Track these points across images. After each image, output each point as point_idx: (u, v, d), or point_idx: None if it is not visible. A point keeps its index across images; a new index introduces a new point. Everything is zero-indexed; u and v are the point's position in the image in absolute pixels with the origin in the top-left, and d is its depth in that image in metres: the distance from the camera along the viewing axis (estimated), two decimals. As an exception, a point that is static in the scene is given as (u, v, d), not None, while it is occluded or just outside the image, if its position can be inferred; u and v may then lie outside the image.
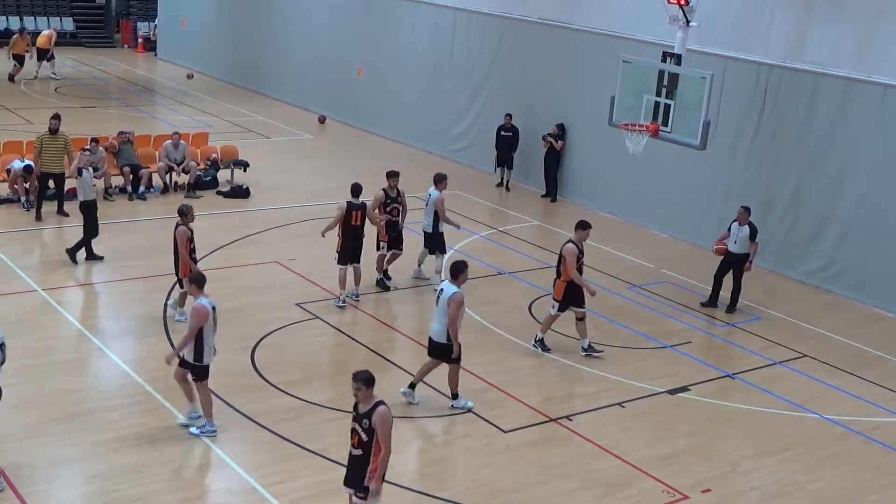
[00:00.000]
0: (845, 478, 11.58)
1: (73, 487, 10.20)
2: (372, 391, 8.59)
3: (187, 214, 13.73)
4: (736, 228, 16.04)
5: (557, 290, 14.07)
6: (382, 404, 8.59)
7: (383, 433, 8.53)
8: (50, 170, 18.43)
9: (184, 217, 13.72)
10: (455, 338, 12.02)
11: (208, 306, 10.98)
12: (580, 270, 14.02)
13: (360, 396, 8.58)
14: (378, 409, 8.54)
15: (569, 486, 10.83)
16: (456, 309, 11.86)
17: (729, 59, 18.71)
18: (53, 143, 18.48)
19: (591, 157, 21.91)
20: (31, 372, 12.44)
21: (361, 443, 8.61)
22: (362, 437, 8.58)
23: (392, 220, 16.20)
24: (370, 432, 8.54)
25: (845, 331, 16.07)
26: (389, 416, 8.61)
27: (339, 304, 15.24)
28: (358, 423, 8.61)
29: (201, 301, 11.00)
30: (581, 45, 21.87)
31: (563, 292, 13.99)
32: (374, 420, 8.50)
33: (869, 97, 17.01)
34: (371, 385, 8.57)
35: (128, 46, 42.34)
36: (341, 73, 29.16)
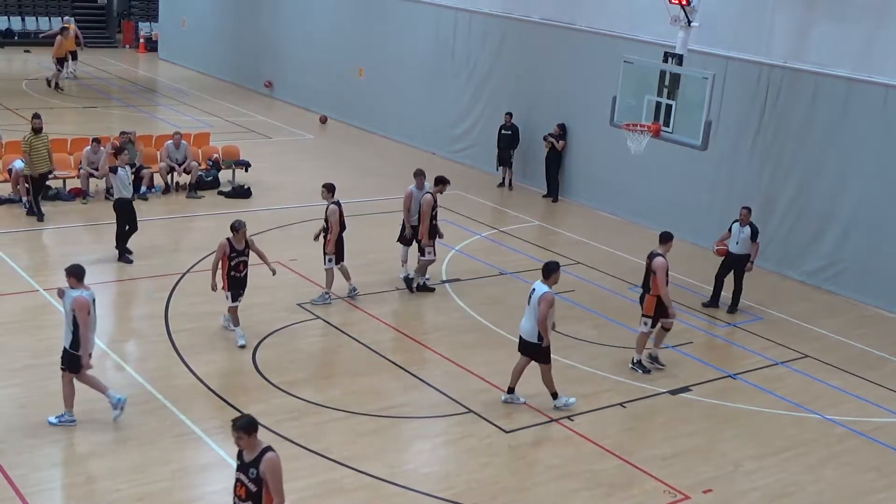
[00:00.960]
0: (847, 478, 11.57)
1: (75, 487, 10.19)
2: (256, 437, 7.75)
3: (238, 230, 13.37)
4: (737, 229, 16.03)
5: (647, 305, 13.58)
6: (270, 450, 7.76)
7: (274, 482, 7.71)
8: (40, 169, 18.39)
9: (234, 232, 13.37)
10: (546, 335, 12.16)
11: (88, 299, 10.99)
12: None
13: (242, 444, 7.73)
14: (266, 455, 7.71)
15: (570, 487, 10.83)
16: (546, 308, 12.04)
17: (730, 60, 18.71)
18: (40, 142, 18.42)
19: (593, 158, 21.91)
20: (32, 372, 12.44)
21: (249, 494, 7.77)
22: (250, 487, 7.75)
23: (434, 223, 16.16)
24: (258, 482, 7.72)
25: (846, 331, 16.07)
26: (279, 462, 7.76)
27: (327, 300, 15.32)
28: (243, 473, 7.79)
29: (82, 294, 10.98)
30: (582, 45, 21.87)
31: (654, 308, 13.55)
32: (261, 468, 7.68)
33: (870, 97, 17.00)
34: (254, 431, 7.72)
35: (129, 47, 42.37)
36: (343, 73, 29.17)
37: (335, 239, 15.26)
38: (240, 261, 13.49)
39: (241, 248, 13.46)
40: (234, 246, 13.39)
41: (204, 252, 17.17)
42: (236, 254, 13.42)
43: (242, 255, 13.50)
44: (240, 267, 13.51)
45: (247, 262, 13.60)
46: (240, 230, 13.37)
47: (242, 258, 13.51)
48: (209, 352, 13.45)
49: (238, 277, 13.55)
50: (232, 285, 13.54)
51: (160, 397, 12.01)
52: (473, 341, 14.76)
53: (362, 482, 10.57)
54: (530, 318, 12.24)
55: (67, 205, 19.52)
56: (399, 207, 16.85)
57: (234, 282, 13.54)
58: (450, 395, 12.71)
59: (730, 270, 16.25)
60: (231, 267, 13.43)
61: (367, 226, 19.53)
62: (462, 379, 13.25)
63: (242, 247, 13.48)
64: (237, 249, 13.42)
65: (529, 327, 12.28)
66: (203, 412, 11.76)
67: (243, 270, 13.58)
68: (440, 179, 16.33)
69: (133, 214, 16.85)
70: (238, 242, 13.42)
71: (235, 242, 13.40)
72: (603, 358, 14.25)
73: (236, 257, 13.42)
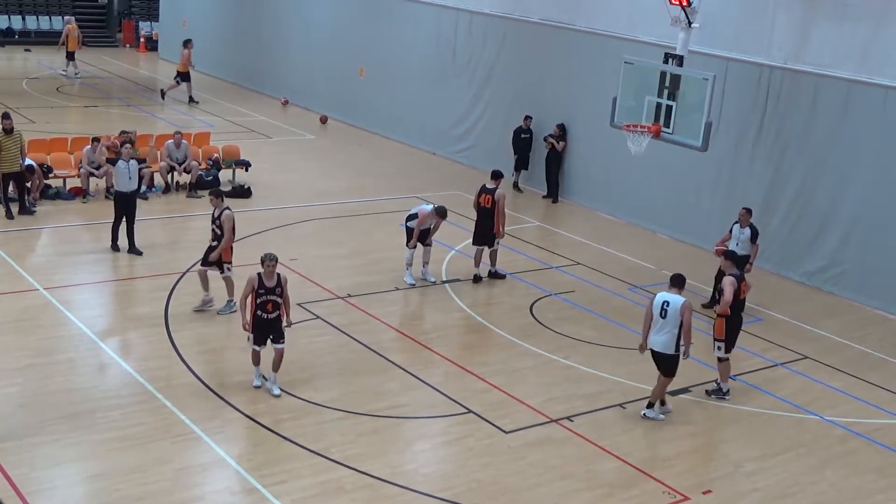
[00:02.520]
0: (847, 479, 11.57)
1: (75, 487, 10.19)
2: None
3: (268, 263, 12.01)
4: (737, 230, 16.01)
5: (717, 328, 13.20)
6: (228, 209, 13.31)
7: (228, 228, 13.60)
8: (11, 169, 18.30)
9: (264, 265, 12.05)
10: (689, 343, 12.20)
11: None
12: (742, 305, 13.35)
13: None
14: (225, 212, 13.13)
15: (571, 487, 10.83)
16: (690, 315, 12.11)
17: (731, 61, 18.71)
18: (12, 142, 18.29)
19: (593, 158, 21.90)
20: (33, 371, 12.44)
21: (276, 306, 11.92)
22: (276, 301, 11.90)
23: None
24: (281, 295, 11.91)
25: (847, 332, 16.07)
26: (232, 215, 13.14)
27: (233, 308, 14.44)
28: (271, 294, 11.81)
29: None
30: (583, 46, 21.87)
31: (724, 330, 13.11)
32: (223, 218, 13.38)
33: (871, 99, 17.00)
34: None
35: (130, 46, 42.37)
36: (343, 73, 29.17)
37: (230, 246, 14.55)
38: (268, 300, 12.03)
39: (271, 285, 12.03)
40: (263, 282, 12.02)
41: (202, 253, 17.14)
42: (265, 291, 12.00)
43: (272, 293, 12.02)
44: (268, 307, 12.06)
45: (278, 304, 12.11)
46: (271, 263, 11.96)
47: (272, 297, 12.04)
48: (209, 351, 13.45)
49: (265, 319, 12.10)
50: (257, 326, 12.12)
51: (160, 397, 12.01)
52: (473, 342, 14.77)
53: (362, 482, 10.57)
54: (668, 330, 12.14)
55: (68, 204, 19.51)
56: (403, 207, 16.89)
57: (260, 323, 12.12)
58: (450, 395, 12.71)
59: None
60: (258, 306, 12.02)
61: (368, 225, 19.57)
62: (462, 379, 13.25)
63: (273, 284, 12.03)
64: (267, 287, 12.02)
65: (665, 340, 12.19)
66: (203, 412, 11.75)
67: (273, 312, 12.10)
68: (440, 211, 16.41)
69: (133, 209, 16.88)
70: (268, 278, 12.01)
71: (266, 278, 12.01)
72: (603, 358, 14.25)
73: (264, 295, 12.02)
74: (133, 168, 16.97)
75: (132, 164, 16.98)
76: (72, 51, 33.14)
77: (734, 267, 13.45)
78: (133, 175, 16.99)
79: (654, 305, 12.30)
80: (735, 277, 13.17)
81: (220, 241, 14.47)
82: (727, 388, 13.34)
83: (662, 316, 12.20)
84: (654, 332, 12.32)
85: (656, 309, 12.25)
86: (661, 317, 12.20)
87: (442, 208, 16.39)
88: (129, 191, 16.88)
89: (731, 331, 13.24)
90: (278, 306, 12.13)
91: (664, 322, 12.19)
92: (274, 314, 12.13)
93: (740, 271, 13.49)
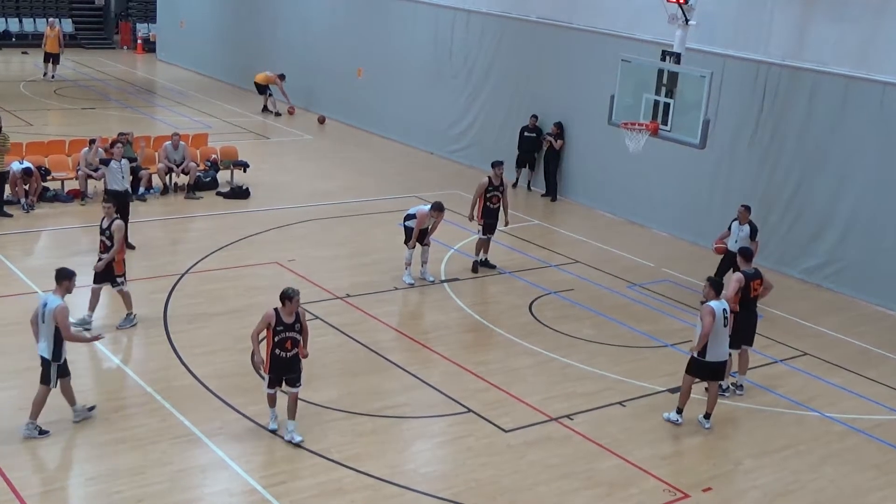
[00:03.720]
0: (847, 476, 11.56)
1: (75, 489, 10.19)
2: None
3: (292, 299, 10.98)
4: (736, 227, 15.99)
5: None
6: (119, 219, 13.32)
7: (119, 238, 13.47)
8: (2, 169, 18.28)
9: (286, 302, 11.00)
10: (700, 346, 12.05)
11: None
12: (753, 302, 13.16)
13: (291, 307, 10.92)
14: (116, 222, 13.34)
15: (570, 486, 10.82)
16: None
17: (728, 58, 18.70)
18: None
19: (591, 157, 21.90)
20: (31, 374, 12.37)
21: (294, 343, 11.07)
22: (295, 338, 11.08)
23: (492, 207, 17.00)
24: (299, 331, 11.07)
25: (846, 329, 16.06)
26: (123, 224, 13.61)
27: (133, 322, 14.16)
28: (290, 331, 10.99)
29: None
30: (580, 44, 21.86)
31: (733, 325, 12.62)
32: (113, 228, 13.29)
33: (869, 95, 17.00)
34: None
35: (127, 47, 42.35)
36: (341, 73, 29.16)
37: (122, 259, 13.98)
38: (288, 337, 11.02)
39: (290, 321, 11.05)
40: (281, 318, 11.02)
41: (202, 252, 17.20)
42: (284, 328, 11.00)
43: (292, 329, 11.04)
44: (287, 345, 11.05)
45: (297, 340, 11.11)
46: (293, 299, 10.97)
47: (291, 334, 11.04)
48: (208, 353, 13.42)
49: (284, 358, 11.09)
50: (274, 367, 11.12)
51: (159, 398, 12.00)
52: (472, 341, 14.76)
53: (362, 482, 10.56)
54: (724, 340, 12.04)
55: (66, 206, 19.49)
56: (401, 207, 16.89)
57: (278, 363, 11.10)
58: (449, 394, 12.70)
59: (729, 269, 16.18)
60: (276, 344, 11.02)
61: (367, 225, 19.57)
62: (461, 378, 13.24)
63: (293, 320, 11.07)
64: (285, 323, 11.03)
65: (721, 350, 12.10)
66: (202, 413, 11.74)
67: (292, 349, 11.09)
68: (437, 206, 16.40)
69: (126, 208, 16.84)
70: (288, 315, 11.04)
71: (285, 315, 11.03)
72: (602, 356, 14.24)
73: (283, 332, 11.01)
74: (125, 167, 16.96)
75: (124, 163, 16.97)
76: (51, 52, 32.66)
77: (748, 264, 13.30)
78: (125, 174, 16.98)
79: (717, 317, 11.95)
80: (746, 275, 13.01)
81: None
82: (727, 385, 13.30)
83: (724, 325, 12.04)
84: (718, 343, 12.03)
85: (721, 320, 11.98)
86: (724, 326, 12.04)
87: (438, 203, 16.38)
88: (121, 190, 16.84)
89: (740, 327, 12.96)
90: (297, 343, 11.13)
91: (724, 330, 12.07)
92: (293, 352, 11.09)
93: (755, 269, 13.29)
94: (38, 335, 11.04)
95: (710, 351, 12.03)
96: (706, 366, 12.14)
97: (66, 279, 11.15)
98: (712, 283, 12.18)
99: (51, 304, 10.90)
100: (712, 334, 11.90)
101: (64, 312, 10.89)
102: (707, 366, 12.14)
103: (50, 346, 10.94)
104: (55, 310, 10.83)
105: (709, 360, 12.09)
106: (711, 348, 12.02)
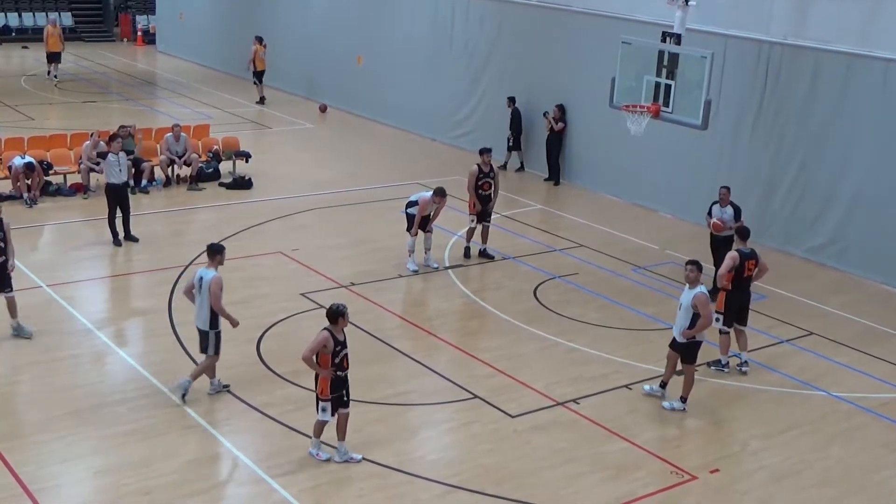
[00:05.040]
0: (855, 455, 11.55)
1: (82, 483, 10.21)
2: None
3: (343, 316, 10.40)
4: (718, 210, 15.56)
5: (718, 301, 13.12)
6: None
7: None
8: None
9: (338, 319, 10.39)
10: None
11: None
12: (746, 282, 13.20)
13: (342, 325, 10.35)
14: None
15: (577, 470, 10.83)
16: None
17: (729, 38, 18.60)
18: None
19: (593, 140, 21.84)
20: (38, 368, 12.46)
21: None
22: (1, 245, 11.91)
23: (483, 194, 16.88)
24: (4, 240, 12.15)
25: (852, 308, 16.03)
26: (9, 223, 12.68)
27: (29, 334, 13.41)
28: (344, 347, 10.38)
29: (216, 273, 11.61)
30: (580, 27, 21.78)
31: (724, 303, 13.10)
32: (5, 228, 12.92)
33: (871, 72, 16.91)
34: None
35: (127, 40, 42.29)
36: (341, 61, 29.09)
37: None
38: (345, 355, 10.41)
39: (342, 338, 10.43)
40: (335, 337, 10.36)
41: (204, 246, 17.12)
42: (340, 346, 10.37)
43: (345, 346, 10.43)
44: (344, 364, 10.43)
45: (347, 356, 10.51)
46: (345, 315, 10.39)
47: (345, 351, 10.42)
48: (213, 344, 13.42)
49: (342, 378, 10.49)
50: (335, 388, 10.43)
51: (165, 391, 12.01)
52: (477, 327, 14.76)
53: (370, 470, 10.57)
54: None
55: (68, 200, 19.52)
56: (403, 194, 16.87)
57: (338, 384, 10.46)
58: (455, 381, 12.71)
59: (716, 250, 15.60)
60: (336, 365, 10.36)
61: (369, 213, 19.55)
62: (467, 364, 13.25)
63: (343, 336, 10.48)
64: (341, 341, 10.40)
65: None
66: (209, 404, 11.76)
67: (348, 367, 10.49)
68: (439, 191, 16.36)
69: (125, 200, 16.92)
70: (340, 332, 10.40)
71: (337, 332, 10.37)
72: (607, 340, 14.23)
73: (341, 351, 10.37)
74: (122, 160, 16.97)
75: (122, 156, 16.98)
76: (53, 52, 31.80)
77: (744, 243, 13.28)
78: (123, 167, 16.99)
79: None
80: (741, 254, 13.05)
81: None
82: (726, 361, 13.36)
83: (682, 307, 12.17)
84: None
85: None
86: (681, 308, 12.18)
87: (440, 188, 16.34)
88: (119, 182, 16.86)
89: (732, 305, 13.15)
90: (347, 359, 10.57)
91: None
92: (347, 370, 10.53)
93: (751, 249, 13.28)
94: (197, 306, 11.76)
95: None
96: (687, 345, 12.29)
97: (218, 253, 11.88)
98: (698, 266, 12.14)
99: (206, 277, 11.61)
100: None
101: (218, 283, 11.57)
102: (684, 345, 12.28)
103: (207, 317, 11.65)
104: (211, 281, 11.52)
105: None
106: None
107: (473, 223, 17.09)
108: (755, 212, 18.59)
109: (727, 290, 13.12)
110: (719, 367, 13.37)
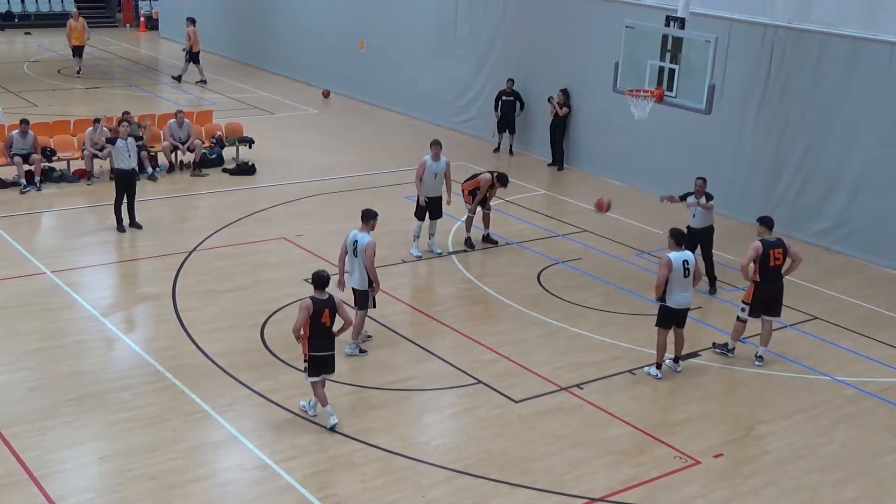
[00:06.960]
0: (859, 439, 11.55)
1: (87, 468, 10.22)
2: None
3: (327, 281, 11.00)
4: (693, 201, 15.31)
5: (746, 292, 13.11)
6: None
7: None
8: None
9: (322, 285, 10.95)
10: None
11: None
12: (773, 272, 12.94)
13: None
14: None
15: (581, 455, 10.83)
16: None
17: (734, 22, 18.51)
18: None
19: (597, 125, 21.79)
20: (42, 355, 12.48)
21: None
22: None
23: None
24: None
25: (856, 292, 16.00)
26: None
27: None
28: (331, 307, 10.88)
29: None
30: (584, 11, 21.69)
31: (753, 294, 12.94)
32: None
33: (876, 56, 16.83)
34: None
35: (130, 26, 42.22)
36: (344, 46, 29.01)
37: None
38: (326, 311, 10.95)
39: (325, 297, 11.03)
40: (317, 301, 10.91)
41: (209, 231, 17.20)
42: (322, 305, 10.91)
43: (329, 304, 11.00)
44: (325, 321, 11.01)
45: None
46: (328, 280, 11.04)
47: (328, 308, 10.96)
48: (217, 330, 13.44)
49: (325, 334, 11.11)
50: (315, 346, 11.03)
51: (169, 376, 12.03)
52: (480, 312, 14.75)
53: (373, 455, 10.59)
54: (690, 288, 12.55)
55: (72, 186, 19.51)
56: (408, 179, 16.83)
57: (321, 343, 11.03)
58: (459, 366, 12.72)
59: (695, 246, 15.11)
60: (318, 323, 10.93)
61: (373, 199, 19.50)
62: (471, 350, 13.24)
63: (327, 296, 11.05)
64: (322, 300, 10.96)
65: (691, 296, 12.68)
66: (213, 390, 11.78)
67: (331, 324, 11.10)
68: None
69: (133, 187, 16.93)
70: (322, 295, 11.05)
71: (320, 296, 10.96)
72: (611, 325, 14.22)
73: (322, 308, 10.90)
74: (131, 145, 16.96)
75: (130, 141, 16.97)
76: (78, 45, 30.97)
77: (768, 232, 13.04)
78: (132, 153, 16.99)
79: (674, 267, 12.32)
80: (765, 243, 12.83)
81: None
82: (732, 346, 13.35)
83: (686, 275, 12.36)
84: (681, 290, 12.39)
85: (681, 270, 12.34)
86: (685, 276, 12.37)
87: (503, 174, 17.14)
88: (128, 168, 16.88)
89: (759, 296, 12.93)
90: None
91: (687, 281, 12.42)
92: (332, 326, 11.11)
93: (776, 238, 13.04)
94: (351, 268, 12.56)
95: (672, 297, 12.43)
96: (670, 312, 12.53)
97: (372, 218, 12.73)
98: (672, 234, 12.58)
99: (362, 241, 12.46)
100: (675, 282, 12.35)
101: (373, 247, 12.45)
102: (670, 311, 12.52)
103: (364, 277, 12.48)
104: (367, 244, 12.37)
105: (671, 307, 12.48)
106: (674, 295, 12.42)
107: (471, 213, 17.04)
108: (760, 196, 18.56)
109: (756, 282, 12.93)
110: (723, 351, 13.35)
